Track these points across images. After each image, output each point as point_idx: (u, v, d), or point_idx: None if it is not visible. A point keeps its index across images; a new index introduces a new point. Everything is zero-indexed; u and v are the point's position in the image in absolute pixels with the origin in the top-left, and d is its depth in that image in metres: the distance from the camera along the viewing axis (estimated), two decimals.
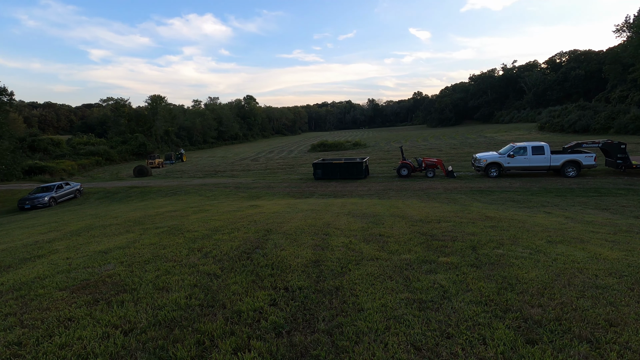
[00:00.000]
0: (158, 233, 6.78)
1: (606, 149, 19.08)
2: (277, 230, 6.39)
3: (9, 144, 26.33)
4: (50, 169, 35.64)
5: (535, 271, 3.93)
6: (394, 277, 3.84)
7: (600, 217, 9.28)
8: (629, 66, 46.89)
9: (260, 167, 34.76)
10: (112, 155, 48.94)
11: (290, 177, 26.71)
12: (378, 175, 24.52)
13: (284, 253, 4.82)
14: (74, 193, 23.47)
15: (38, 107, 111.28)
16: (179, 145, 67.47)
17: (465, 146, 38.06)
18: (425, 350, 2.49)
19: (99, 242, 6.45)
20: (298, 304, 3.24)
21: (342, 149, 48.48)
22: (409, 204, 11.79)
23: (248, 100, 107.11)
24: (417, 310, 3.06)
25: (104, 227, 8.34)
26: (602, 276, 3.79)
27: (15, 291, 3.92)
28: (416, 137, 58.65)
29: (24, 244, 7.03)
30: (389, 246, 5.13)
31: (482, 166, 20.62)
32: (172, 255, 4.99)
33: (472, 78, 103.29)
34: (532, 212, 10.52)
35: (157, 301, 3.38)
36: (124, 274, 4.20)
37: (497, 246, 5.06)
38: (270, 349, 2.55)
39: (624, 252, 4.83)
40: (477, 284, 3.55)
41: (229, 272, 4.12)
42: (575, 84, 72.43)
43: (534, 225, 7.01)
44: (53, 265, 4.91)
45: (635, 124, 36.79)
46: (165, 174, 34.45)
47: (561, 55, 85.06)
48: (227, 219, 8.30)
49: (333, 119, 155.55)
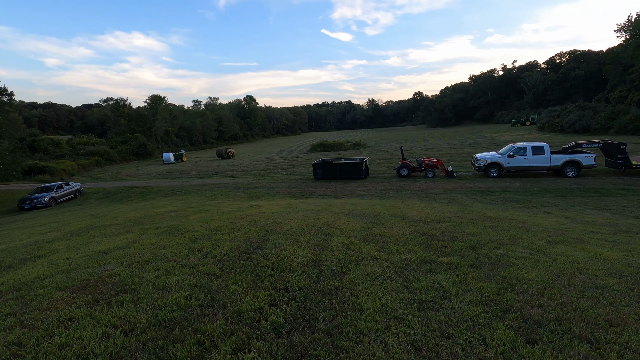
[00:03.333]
0: (158, 233, 6.78)
1: (606, 149, 19.08)
2: (277, 231, 6.39)
3: (9, 144, 26.34)
4: (50, 169, 35.62)
5: (535, 271, 3.93)
6: (394, 277, 3.84)
7: (600, 217, 9.28)
8: (629, 66, 46.89)
9: (260, 167, 34.74)
10: (112, 156, 48.92)
11: (290, 177, 26.70)
12: (378, 175, 24.52)
13: (284, 253, 4.82)
14: (74, 193, 23.48)
15: (38, 107, 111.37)
16: (179, 146, 67.47)
17: (465, 146, 38.03)
18: (425, 350, 2.49)
19: (99, 242, 6.45)
20: (298, 304, 3.24)
21: (342, 149, 48.44)
22: (409, 204, 11.79)
23: (248, 100, 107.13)
24: (417, 310, 3.06)
25: (104, 227, 8.34)
26: (602, 276, 3.79)
27: (15, 291, 3.93)
28: (416, 137, 58.60)
29: (24, 244, 7.03)
30: (389, 246, 5.12)
31: (482, 166, 20.62)
32: (172, 255, 4.99)
33: (472, 78, 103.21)
34: (532, 212, 10.52)
35: (157, 301, 3.38)
36: (124, 274, 4.20)
37: (497, 246, 5.06)
38: (270, 349, 2.55)
39: (624, 252, 4.84)
40: (477, 284, 3.56)
41: (229, 272, 4.12)
42: (575, 84, 72.39)
43: (534, 225, 7.01)
44: (53, 266, 4.92)
45: (635, 124, 36.75)
46: (165, 174, 34.44)
47: (561, 55, 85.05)
48: (227, 219, 8.30)
49: (333, 119, 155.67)
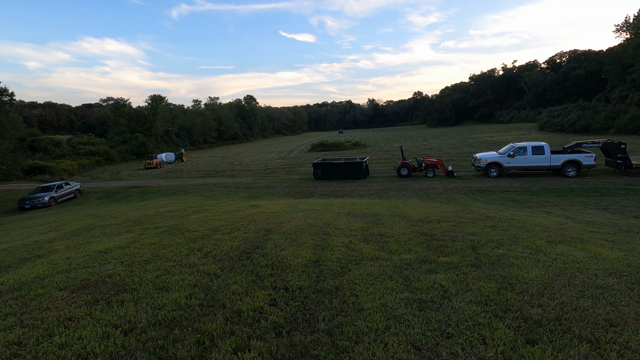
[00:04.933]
0: (158, 233, 6.78)
1: (606, 149, 19.08)
2: (277, 230, 6.39)
3: (9, 144, 26.34)
4: (50, 168, 35.62)
5: (535, 271, 3.93)
6: (394, 277, 3.84)
7: (600, 217, 9.28)
8: (629, 66, 46.86)
9: (260, 167, 34.75)
10: (112, 155, 48.96)
11: (290, 177, 26.70)
12: (378, 175, 24.52)
13: (284, 253, 4.82)
14: (74, 193, 23.47)
15: (38, 107, 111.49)
16: (179, 145, 67.49)
17: (465, 146, 38.03)
18: (425, 350, 2.49)
19: (99, 242, 6.45)
20: (298, 304, 3.23)
21: (342, 149, 48.45)
22: (409, 203, 11.78)
23: (248, 100, 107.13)
24: (417, 310, 3.06)
25: (104, 227, 8.34)
26: (602, 276, 3.79)
27: (15, 291, 3.92)
28: (416, 137, 58.59)
29: (24, 244, 7.03)
30: (389, 246, 5.12)
31: (482, 166, 20.62)
32: (172, 255, 4.98)
33: (472, 78, 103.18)
34: (532, 212, 10.52)
35: (157, 301, 3.38)
36: (124, 274, 4.20)
37: (497, 246, 5.06)
38: (270, 349, 2.55)
39: (624, 252, 4.83)
40: (477, 284, 3.55)
41: (229, 272, 4.12)
42: (575, 84, 72.37)
43: (534, 225, 7.01)
44: (53, 265, 4.91)
45: (634, 124, 36.76)
46: (165, 174, 34.44)
47: (561, 55, 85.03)
48: (227, 218, 8.30)
49: (333, 118, 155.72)
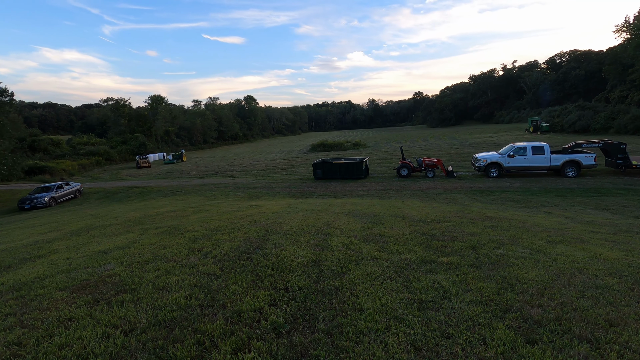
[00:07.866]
0: (158, 233, 6.78)
1: (606, 149, 19.08)
2: (277, 230, 6.39)
3: (9, 144, 26.34)
4: (50, 169, 35.63)
5: (535, 271, 3.93)
6: (394, 277, 3.84)
7: (600, 217, 9.28)
8: (629, 66, 46.82)
9: (260, 167, 34.74)
10: (112, 155, 48.96)
11: (290, 177, 26.70)
12: (378, 175, 24.52)
13: (284, 253, 4.82)
14: (74, 193, 23.47)
15: (38, 107, 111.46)
16: (179, 145, 67.49)
17: (465, 146, 38.01)
18: (425, 350, 2.49)
19: (99, 242, 6.45)
20: (298, 304, 3.23)
21: (342, 149, 48.43)
22: (409, 204, 11.78)
23: (248, 100, 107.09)
24: (417, 310, 3.06)
25: (103, 227, 8.34)
26: (602, 276, 3.79)
27: (15, 291, 3.93)
28: (416, 137, 58.56)
29: (24, 244, 7.03)
30: (389, 246, 5.12)
31: (482, 166, 20.62)
32: (172, 255, 4.99)
33: (472, 78, 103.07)
34: (532, 212, 10.52)
35: (157, 301, 3.38)
36: (124, 274, 4.20)
37: (497, 246, 5.06)
38: (270, 349, 2.55)
39: (624, 252, 4.83)
40: (477, 284, 3.55)
41: (229, 272, 4.12)
42: (575, 84, 72.35)
43: (534, 225, 7.01)
44: (53, 266, 4.91)
45: (635, 124, 36.73)
46: (165, 174, 34.44)
47: (561, 55, 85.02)
48: (227, 219, 8.30)
49: (333, 119, 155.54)
